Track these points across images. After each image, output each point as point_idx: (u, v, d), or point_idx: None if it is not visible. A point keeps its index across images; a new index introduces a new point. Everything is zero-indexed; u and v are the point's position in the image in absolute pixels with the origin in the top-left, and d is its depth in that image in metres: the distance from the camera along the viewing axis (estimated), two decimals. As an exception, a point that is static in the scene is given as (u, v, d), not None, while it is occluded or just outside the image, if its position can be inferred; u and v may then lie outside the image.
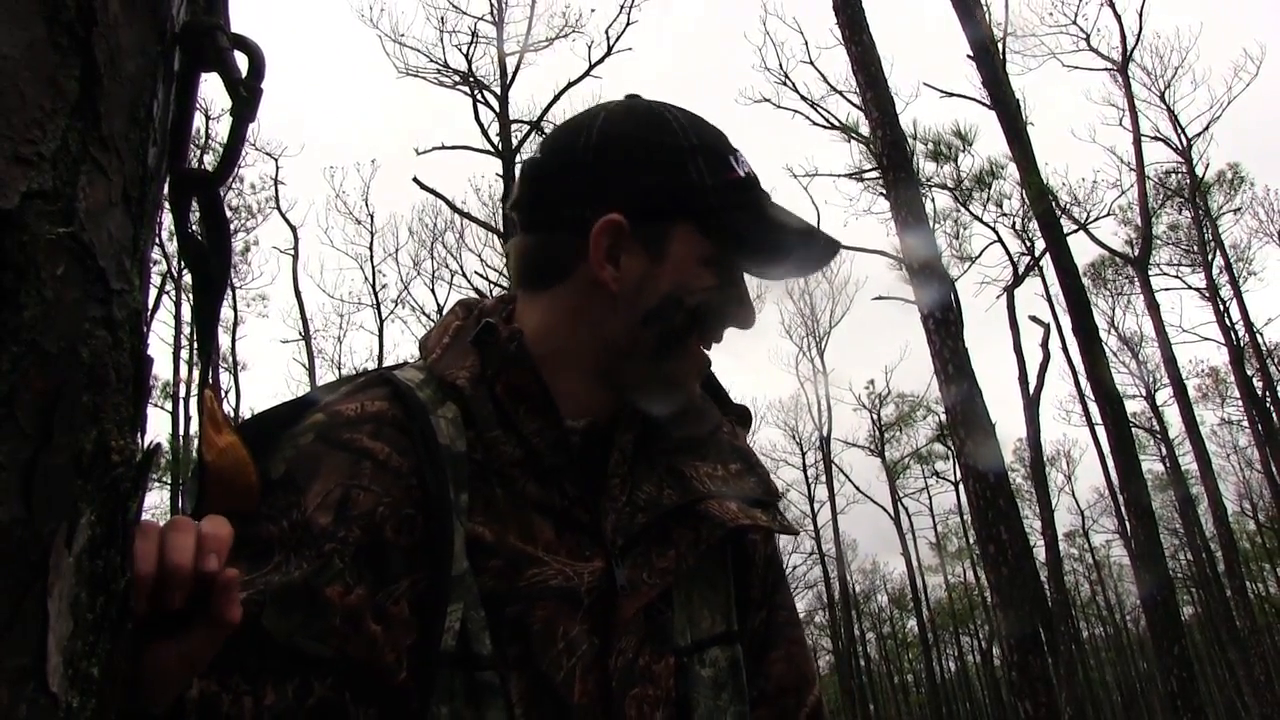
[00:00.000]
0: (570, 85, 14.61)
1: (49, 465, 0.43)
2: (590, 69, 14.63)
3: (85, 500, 0.45)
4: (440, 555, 0.78)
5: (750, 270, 0.93)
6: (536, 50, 15.41)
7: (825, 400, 27.56)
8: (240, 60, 0.63)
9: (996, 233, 18.78)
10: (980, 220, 18.97)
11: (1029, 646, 7.59)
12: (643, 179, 0.88)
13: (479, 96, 14.84)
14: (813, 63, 16.83)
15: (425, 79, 15.28)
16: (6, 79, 0.42)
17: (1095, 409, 16.09)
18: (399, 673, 0.75)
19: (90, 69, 0.46)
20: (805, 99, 16.35)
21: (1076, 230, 18.54)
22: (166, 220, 0.64)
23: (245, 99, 0.62)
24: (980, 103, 14.75)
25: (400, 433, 0.82)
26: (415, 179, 13.74)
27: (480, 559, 0.80)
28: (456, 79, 15.14)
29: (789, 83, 16.40)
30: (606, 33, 14.70)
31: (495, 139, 14.59)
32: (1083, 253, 25.12)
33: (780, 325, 27.18)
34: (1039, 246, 16.88)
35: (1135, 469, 11.34)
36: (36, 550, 0.42)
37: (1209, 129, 20.26)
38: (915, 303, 9.00)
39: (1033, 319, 18.65)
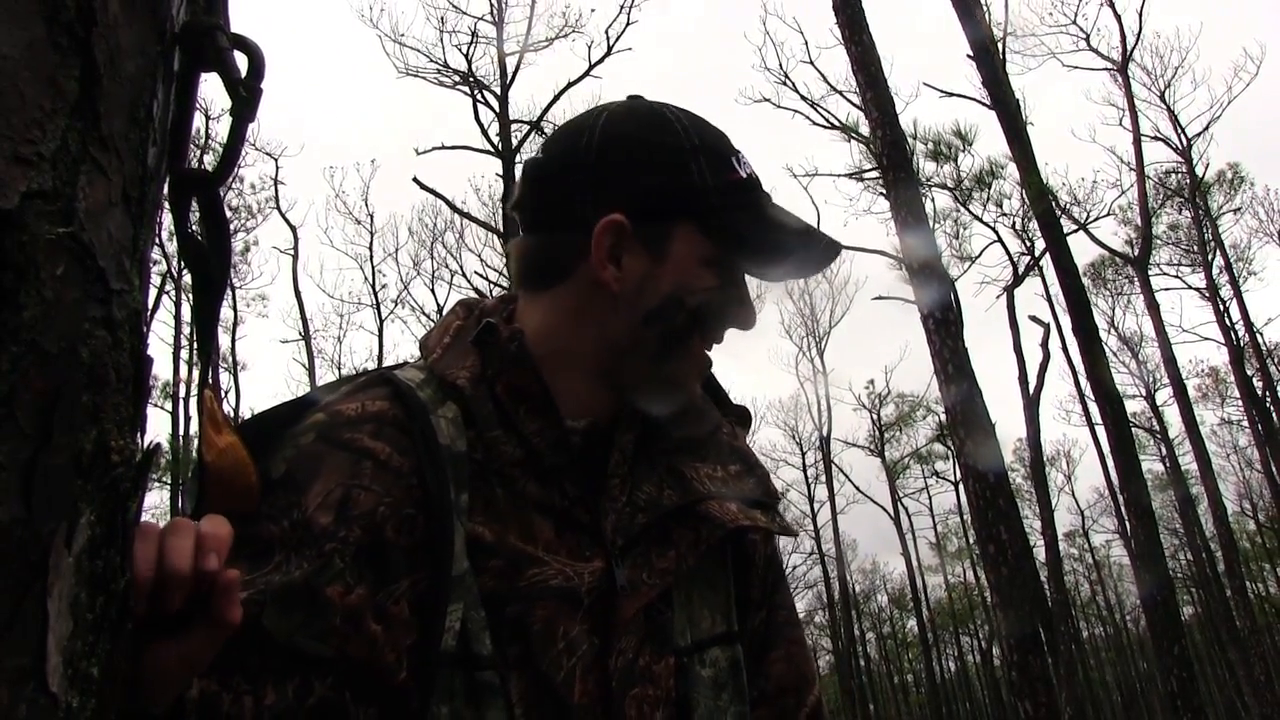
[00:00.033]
0: (570, 85, 14.63)
1: (49, 465, 0.43)
2: (590, 69, 14.64)
3: (85, 500, 0.45)
4: (441, 555, 0.78)
5: (751, 271, 0.93)
6: (536, 50, 15.44)
7: (825, 400, 27.60)
8: (240, 60, 0.63)
9: (996, 233, 18.80)
10: (980, 220, 18.99)
11: (1029, 646, 7.59)
12: (644, 179, 0.88)
13: (479, 96, 14.85)
14: (813, 63, 16.86)
15: (425, 79, 15.30)
16: (6, 79, 0.42)
17: (1095, 409, 16.10)
18: (399, 672, 0.75)
19: (90, 69, 0.46)
20: (805, 99, 16.38)
21: (1076, 230, 18.55)
22: (166, 220, 0.64)
23: (245, 99, 0.63)
24: (980, 103, 14.78)
25: (401, 432, 0.82)
26: (415, 179, 13.76)
27: (481, 559, 0.80)
28: (456, 79, 15.15)
29: (789, 83, 16.43)
30: (606, 33, 14.73)
31: (495, 139, 14.59)
32: (1083, 253, 25.16)
33: (780, 325, 27.23)
34: (1039, 246, 16.90)
35: (1135, 469, 11.34)
36: (36, 550, 0.42)
37: (1209, 129, 20.30)
38: (915, 303, 9.00)
39: (1033, 319, 18.68)
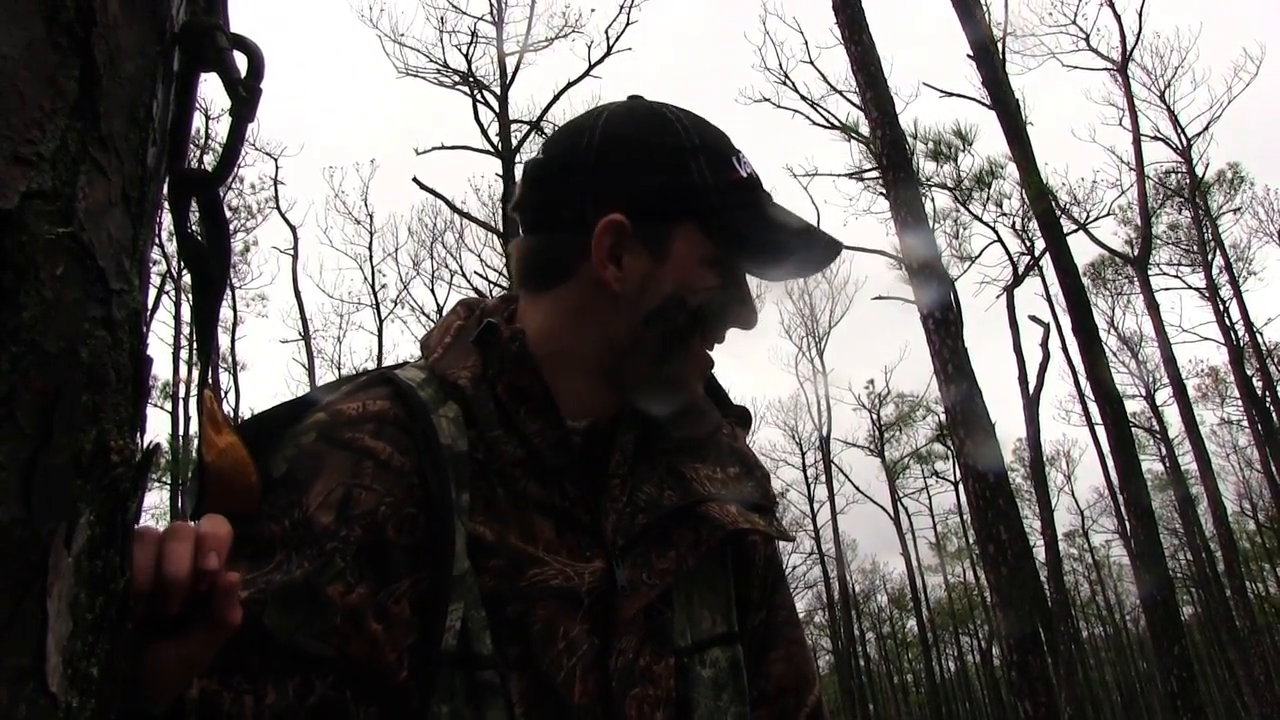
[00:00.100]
0: (570, 85, 14.64)
1: (48, 465, 0.43)
2: (590, 69, 14.65)
3: (85, 500, 0.45)
4: (441, 555, 0.78)
5: (752, 271, 0.93)
6: (536, 50, 15.44)
7: (825, 400, 27.61)
8: (240, 60, 0.63)
9: (996, 232, 18.80)
10: (980, 220, 19.00)
11: (1029, 646, 7.59)
12: (645, 179, 0.88)
13: (479, 96, 14.85)
14: (813, 63, 16.87)
15: (425, 79, 15.30)
16: (6, 79, 0.42)
17: (1095, 409, 16.11)
18: (400, 672, 0.75)
19: (90, 69, 0.46)
20: (805, 99, 16.39)
21: (1076, 230, 18.56)
22: (166, 220, 0.64)
23: (245, 99, 0.62)
24: (980, 102, 14.78)
25: (402, 432, 0.82)
26: (415, 179, 13.77)
27: (481, 559, 0.80)
28: (456, 79, 15.15)
29: (789, 82, 16.45)
30: (606, 33, 14.73)
31: (495, 139, 14.59)
32: (1083, 252, 25.18)
33: (780, 325, 27.23)
34: (1039, 246, 16.91)
35: (1135, 469, 11.34)
36: (36, 550, 0.42)
37: (1209, 129, 20.30)
38: (915, 302, 9.00)
39: (1033, 319, 18.68)
